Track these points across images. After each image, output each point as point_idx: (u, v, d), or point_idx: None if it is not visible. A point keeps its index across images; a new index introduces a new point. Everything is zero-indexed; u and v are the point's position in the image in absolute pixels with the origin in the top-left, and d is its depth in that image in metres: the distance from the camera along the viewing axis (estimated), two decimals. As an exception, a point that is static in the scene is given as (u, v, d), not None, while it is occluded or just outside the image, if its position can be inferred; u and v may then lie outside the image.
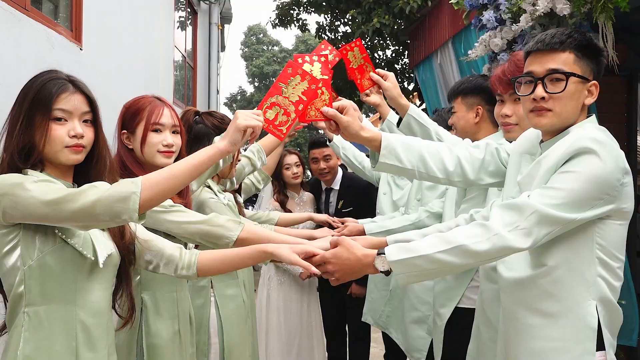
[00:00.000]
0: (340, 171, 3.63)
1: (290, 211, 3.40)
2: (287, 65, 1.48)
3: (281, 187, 3.48)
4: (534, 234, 1.28)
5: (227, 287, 2.11)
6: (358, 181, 3.57)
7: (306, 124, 2.68)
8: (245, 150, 2.50)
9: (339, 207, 3.51)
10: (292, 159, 3.47)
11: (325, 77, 1.57)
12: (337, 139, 2.95)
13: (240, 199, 2.63)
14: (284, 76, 1.48)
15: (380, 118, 2.39)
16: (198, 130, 2.15)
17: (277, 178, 3.44)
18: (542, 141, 1.48)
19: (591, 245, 1.32)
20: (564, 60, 1.39)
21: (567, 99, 1.38)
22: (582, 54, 1.39)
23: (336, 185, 3.58)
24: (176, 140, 1.74)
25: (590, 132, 1.33)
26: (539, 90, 1.40)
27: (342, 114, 1.58)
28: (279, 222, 2.71)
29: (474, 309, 1.98)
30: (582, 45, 1.39)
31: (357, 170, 3.18)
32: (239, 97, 29.42)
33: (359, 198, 3.49)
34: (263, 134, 1.73)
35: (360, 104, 6.28)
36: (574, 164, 1.29)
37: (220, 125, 2.16)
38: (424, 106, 5.90)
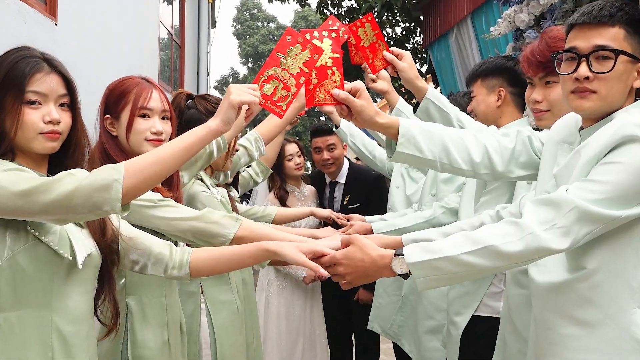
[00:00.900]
0: (346, 162, 3.62)
1: (289, 207, 3.41)
2: (285, 33, 1.48)
3: (282, 182, 3.47)
4: (572, 233, 1.26)
5: (219, 293, 2.13)
6: (366, 173, 3.58)
7: (306, 109, 2.66)
8: (240, 138, 2.50)
9: (344, 202, 3.51)
10: (293, 148, 3.47)
11: (337, 55, 1.56)
12: (345, 125, 2.94)
13: (236, 194, 2.63)
14: (282, 45, 1.47)
15: (387, 106, 2.37)
16: (190, 115, 2.15)
17: (277, 171, 3.42)
18: (581, 128, 1.47)
19: (637, 246, 1.30)
20: (613, 36, 1.36)
21: (615, 80, 1.36)
22: (634, 30, 1.36)
23: (342, 179, 3.58)
24: (166, 127, 1.74)
25: (638, 117, 1.30)
26: (583, 69, 1.38)
27: (354, 96, 1.58)
28: (276, 219, 2.72)
29: (493, 317, 2.00)
30: (635, 20, 1.36)
31: (367, 160, 3.19)
32: (230, 80, 29.51)
33: (368, 192, 3.49)
34: (257, 120, 1.70)
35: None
36: (618, 153, 1.27)
37: (215, 109, 2.14)
38: (438, 90, 5.89)
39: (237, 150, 2.25)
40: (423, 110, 2.05)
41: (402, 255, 1.36)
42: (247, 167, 2.65)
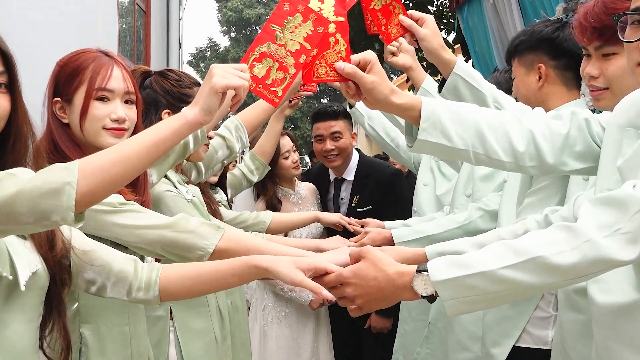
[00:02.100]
0: (355, 155, 3.63)
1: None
2: (282, 0, 1.49)
3: (274, 186, 3.47)
4: None
5: (192, 318, 2.13)
6: (380, 169, 3.60)
7: (311, 90, 2.64)
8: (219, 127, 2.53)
9: (352, 205, 3.52)
10: (288, 142, 3.48)
11: (341, 19, 1.57)
12: (361, 105, 2.97)
13: (223, 197, 2.68)
14: (278, 15, 1.49)
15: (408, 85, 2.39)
16: (143, 97, 2.14)
17: (268, 173, 3.39)
18: (653, 108, 1.48)
19: None
20: None
21: None
22: None
23: (349, 175, 3.59)
24: (130, 113, 1.76)
25: None
26: None
27: (364, 71, 1.58)
28: (272, 227, 2.74)
29: (540, 349, 2.02)
30: None
31: (389, 150, 3.22)
32: (208, 53, 29.56)
33: (382, 193, 3.49)
34: (243, 105, 1.72)
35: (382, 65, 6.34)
36: None
37: (175, 89, 2.19)
38: (469, 64, 5.89)
39: (210, 138, 2.26)
40: (450, 88, 2.06)
41: (427, 271, 1.35)
42: (229, 161, 2.64)
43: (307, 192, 3.58)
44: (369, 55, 1.60)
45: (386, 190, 3.49)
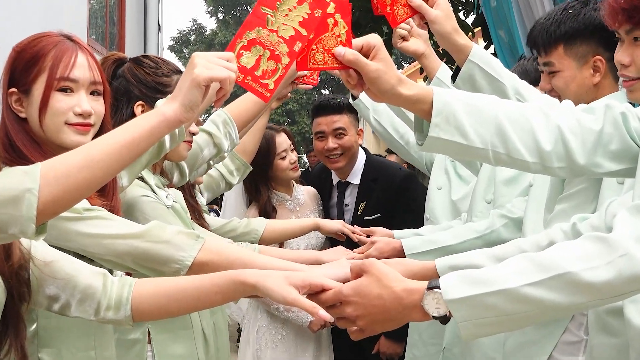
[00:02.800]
0: (361, 155, 3.59)
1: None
2: None
3: (268, 191, 3.43)
4: None
5: (172, 342, 2.12)
6: (390, 171, 3.56)
7: (311, 83, 2.58)
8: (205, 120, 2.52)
9: (358, 212, 3.49)
10: (285, 140, 3.45)
11: None
12: (366, 97, 2.95)
13: (202, 201, 2.66)
14: None
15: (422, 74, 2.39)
16: (115, 88, 2.16)
17: (262, 176, 3.39)
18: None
19: None
20: None
21: None
22: None
23: (355, 178, 3.55)
24: (97, 107, 1.75)
25: None
26: None
27: (367, 57, 1.57)
28: (266, 235, 2.72)
29: None
30: None
31: (397, 148, 3.21)
32: (192, 37, 29.51)
33: (392, 198, 3.46)
34: (232, 97, 1.74)
35: (391, 52, 6.29)
36: None
37: (150, 77, 2.19)
38: (491, 50, 5.86)
39: (194, 134, 2.25)
40: (465, 78, 2.05)
41: (439, 288, 1.35)
42: (217, 161, 2.63)
43: (306, 197, 3.55)
44: (373, 39, 1.58)
45: (397, 196, 3.45)
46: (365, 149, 3.69)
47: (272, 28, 1.47)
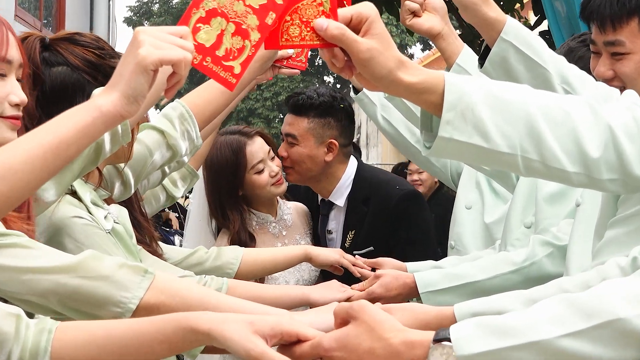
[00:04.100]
0: (350, 167, 3.20)
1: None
2: None
3: (242, 216, 3.03)
4: None
5: None
6: (386, 189, 3.15)
7: (297, 67, 2.43)
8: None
9: (346, 244, 3.09)
10: (258, 148, 3.03)
11: None
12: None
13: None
14: None
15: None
16: (61, 78, 1.97)
17: (231, 197, 3.00)
18: None
19: None
20: None
21: None
22: None
23: (339, 198, 3.14)
24: (21, 94, 1.63)
25: None
26: None
27: (358, 33, 1.41)
28: (243, 270, 2.47)
29: None
30: None
31: (414, 153, 2.94)
32: (156, 7, 28.23)
33: (389, 226, 3.07)
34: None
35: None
36: None
37: (103, 61, 1.99)
38: (544, 26, 5.54)
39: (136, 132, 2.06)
40: (496, 61, 1.94)
41: (449, 340, 1.25)
42: (173, 169, 2.39)
43: (294, 216, 3.19)
44: (366, 9, 1.43)
45: (395, 222, 3.04)
46: (356, 157, 3.32)
47: None
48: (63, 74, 1.98)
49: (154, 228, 2.43)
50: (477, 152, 1.48)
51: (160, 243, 2.40)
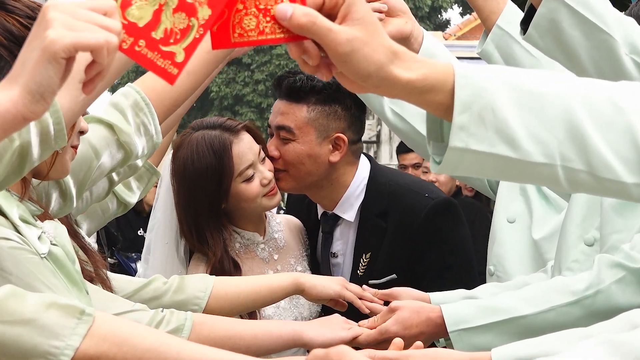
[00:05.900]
0: (362, 170, 2.68)
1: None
2: None
3: (221, 238, 2.50)
4: None
5: None
6: (410, 198, 2.64)
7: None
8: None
9: (359, 271, 2.60)
10: (247, 147, 2.48)
11: None
12: None
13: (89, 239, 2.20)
14: None
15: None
16: None
17: (212, 214, 2.49)
18: None
19: None
20: None
21: None
22: None
23: (347, 211, 2.64)
24: None
25: None
26: None
27: (333, 19, 1.23)
28: (213, 305, 2.11)
29: None
30: None
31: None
32: None
33: (416, 247, 2.62)
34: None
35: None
36: None
37: (25, 34, 2.06)
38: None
39: (82, 133, 1.82)
40: (544, 26, 1.81)
41: None
42: (128, 174, 2.13)
43: (287, 234, 2.65)
44: None
45: (424, 242, 2.56)
46: (369, 157, 2.80)
47: None
48: None
49: (105, 251, 2.13)
50: (502, 165, 1.32)
51: (108, 272, 2.12)
